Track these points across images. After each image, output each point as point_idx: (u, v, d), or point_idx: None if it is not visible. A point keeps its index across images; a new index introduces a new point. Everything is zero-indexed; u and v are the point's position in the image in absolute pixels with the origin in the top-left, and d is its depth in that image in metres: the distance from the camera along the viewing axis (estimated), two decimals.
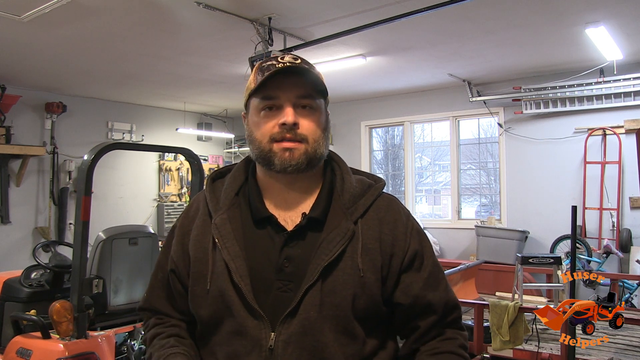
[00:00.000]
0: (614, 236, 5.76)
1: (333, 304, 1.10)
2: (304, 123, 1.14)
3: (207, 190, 1.25)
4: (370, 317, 1.14)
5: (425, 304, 1.17)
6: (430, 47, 5.15)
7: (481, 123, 7.11)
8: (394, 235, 1.18)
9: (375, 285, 1.14)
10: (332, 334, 1.10)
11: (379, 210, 1.20)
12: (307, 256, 1.12)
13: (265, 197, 1.20)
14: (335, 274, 1.11)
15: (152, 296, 1.28)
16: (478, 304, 3.70)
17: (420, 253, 1.20)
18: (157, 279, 1.29)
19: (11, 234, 6.52)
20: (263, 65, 1.17)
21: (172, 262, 1.24)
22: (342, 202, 1.18)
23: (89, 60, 5.42)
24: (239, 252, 1.13)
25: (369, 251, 1.14)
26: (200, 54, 5.25)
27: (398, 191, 7.89)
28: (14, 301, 3.43)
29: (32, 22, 4.08)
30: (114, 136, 7.53)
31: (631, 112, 5.72)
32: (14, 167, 6.55)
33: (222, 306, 1.13)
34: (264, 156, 1.15)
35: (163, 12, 4.07)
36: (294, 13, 4.19)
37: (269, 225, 1.17)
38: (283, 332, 1.09)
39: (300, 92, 1.15)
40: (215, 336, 1.16)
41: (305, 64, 1.17)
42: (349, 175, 1.25)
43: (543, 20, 4.35)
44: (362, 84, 6.74)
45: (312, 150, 1.15)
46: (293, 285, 1.11)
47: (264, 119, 1.15)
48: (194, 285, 1.17)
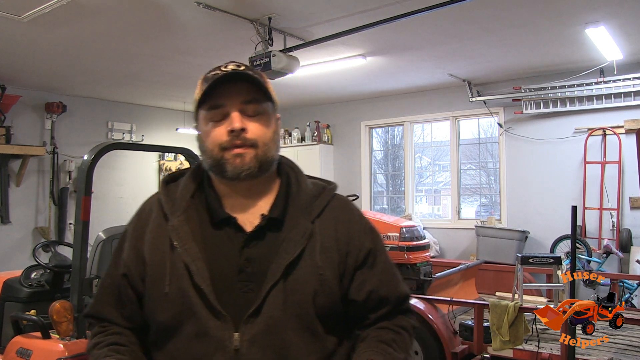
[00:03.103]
0: (614, 236, 5.76)
1: (295, 302, 1.12)
2: (251, 127, 1.15)
3: (162, 193, 1.23)
4: (330, 314, 1.17)
5: (378, 299, 1.22)
6: (430, 47, 5.15)
7: (481, 123, 7.11)
8: (349, 234, 1.22)
9: (334, 283, 1.17)
10: (295, 332, 1.12)
11: (333, 210, 1.23)
12: (267, 256, 1.14)
13: (223, 201, 1.21)
14: (296, 273, 1.13)
15: (99, 303, 1.25)
16: (478, 304, 3.70)
17: (373, 250, 1.24)
18: (105, 285, 1.25)
19: (11, 234, 6.52)
20: (207, 76, 1.18)
21: (124, 267, 1.20)
22: (299, 202, 1.21)
23: (89, 60, 5.42)
24: (198, 253, 1.13)
25: (326, 249, 1.17)
26: (200, 54, 5.25)
27: (398, 191, 7.89)
28: (14, 301, 3.43)
29: (32, 22, 4.08)
30: (114, 136, 7.52)
31: (631, 112, 5.72)
32: (14, 167, 6.56)
33: (182, 309, 1.12)
34: (217, 165, 1.16)
35: (163, 12, 4.07)
36: (294, 13, 4.19)
37: (228, 227, 1.18)
38: (247, 332, 1.10)
39: (245, 97, 1.16)
40: (174, 340, 1.14)
41: (249, 70, 1.18)
42: (304, 177, 1.27)
43: (543, 20, 4.35)
44: (362, 84, 6.74)
45: (262, 154, 1.16)
46: (254, 285, 1.13)
47: (213, 128, 1.16)
48: (151, 288, 1.16)
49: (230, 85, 1.15)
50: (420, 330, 3.69)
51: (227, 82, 1.15)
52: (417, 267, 5.05)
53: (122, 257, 1.22)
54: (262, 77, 1.20)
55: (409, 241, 5.08)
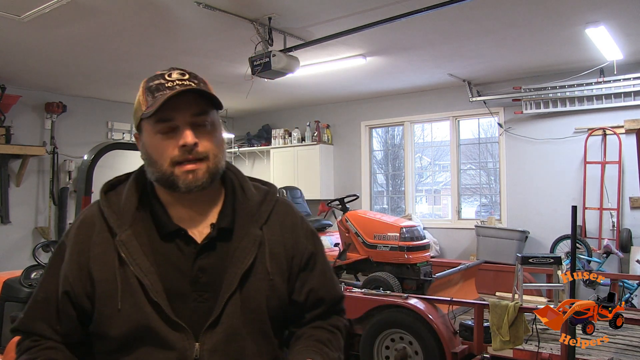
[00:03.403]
0: (614, 236, 5.75)
1: (251, 309, 1.16)
2: (203, 141, 1.14)
3: (103, 205, 1.19)
4: (279, 317, 1.23)
5: (316, 299, 1.27)
6: (430, 47, 5.15)
7: (481, 123, 7.11)
8: (294, 239, 1.26)
9: (283, 287, 1.22)
10: (252, 338, 1.16)
11: (279, 215, 1.27)
12: (220, 265, 1.16)
13: (170, 211, 1.19)
14: (250, 281, 1.16)
15: (30, 318, 1.18)
16: (478, 304, 3.70)
17: (314, 254, 1.29)
18: (39, 299, 1.18)
19: (11, 234, 6.52)
20: (151, 85, 1.15)
21: (66, 284, 1.14)
22: (246, 209, 1.22)
23: (89, 60, 5.42)
24: (150, 267, 1.12)
25: (275, 256, 1.21)
26: (200, 54, 5.25)
27: (398, 191, 7.89)
28: (14, 301, 3.43)
29: (32, 22, 4.08)
30: (114, 136, 7.53)
31: (631, 112, 5.72)
32: (14, 167, 6.56)
33: (138, 324, 1.10)
34: (167, 179, 1.14)
35: (163, 12, 4.07)
36: (294, 13, 4.19)
37: (177, 239, 1.17)
38: (207, 342, 1.11)
39: (196, 109, 1.14)
40: (128, 356, 1.12)
41: (194, 78, 1.16)
42: (247, 183, 1.29)
43: (543, 20, 4.35)
44: (362, 84, 6.74)
45: (213, 166, 1.16)
46: (209, 296, 1.14)
47: (162, 141, 1.13)
48: (102, 306, 1.12)
49: (179, 97, 1.12)
50: (420, 330, 3.69)
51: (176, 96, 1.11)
52: (417, 267, 5.05)
53: (60, 273, 1.16)
54: (207, 86, 1.18)
55: (409, 241, 5.08)
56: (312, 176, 7.91)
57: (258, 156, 9.04)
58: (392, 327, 3.85)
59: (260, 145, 8.73)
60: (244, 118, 9.20)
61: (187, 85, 1.13)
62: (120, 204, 1.19)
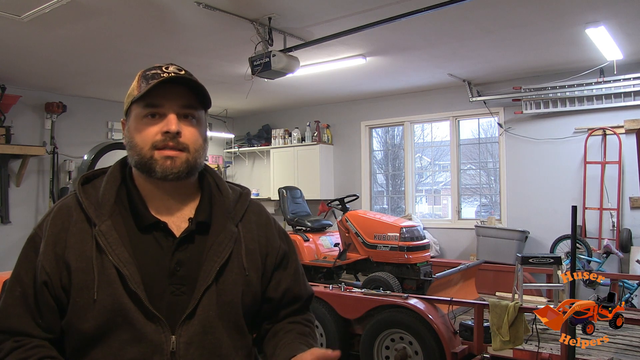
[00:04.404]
0: (614, 236, 5.76)
1: (226, 302, 1.18)
2: (186, 132, 1.17)
3: (81, 196, 1.19)
4: (252, 312, 1.27)
5: (292, 297, 1.33)
6: (430, 47, 5.15)
7: (481, 123, 7.11)
8: (267, 237, 1.31)
9: (257, 283, 1.26)
10: (227, 331, 1.18)
11: (252, 214, 1.32)
12: (197, 259, 1.18)
13: (148, 204, 1.21)
14: (226, 275, 1.19)
15: (9, 315, 1.12)
16: (478, 304, 3.70)
17: (287, 253, 1.35)
18: (15, 295, 1.14)
19: (11, 234, 6.51)
20: (147, 74, 1.19)
21: (43, 274, 1.12)
22: (223, 206, 1.26)
23: (89, 60, 5.42)
24: (129, 258, 1.12)
25: (250, 252, 1.25)
26: (200, 54, 5.25)
27: (398, 191, 7.89)
28: None
29: (32, 22, 4.08)
30: (114, 136, 7.51)
31: (631, 112, 5.72)
32: (14, 167, 6.56)
33: (113, 315, 1.09)
34: (145, 163, 1.16)
35: (163, 12, 4.07)
36: (294, 13, 4.19)
37: (156, 231, 1.18)
38: (183, 334, 1.12)
39: (184, 102, 1.18)
40: (101, 347, 1.10)
41: (189, 75, 1.19)
42: (224, 183, 1.32)
43: (543, 20, 4.35)
44: (362, 84, 6.75)
45: (192, 159, 1.18)
46: (186, 288, 1.15)
47: (146, 125, 1.16)
48: (77, 296, 1.10)
49: (171, 87, 1.16)
50: (420, 330, 3.69)
51: (168, 84, 1.15)
52: (417, 267, 5.06)
53: (36, 265, 1.14)
54: (202, 86, 1.20)
55: (409, 241, 5.09)
56: (312, 176, 7.91)
57: (258, 156, 9.04)
58: (392, 327, 3.86)
59: (260, 145, 8.73)
60: (244, 118, 9.21)
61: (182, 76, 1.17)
62: (98, 195, 1.19)
